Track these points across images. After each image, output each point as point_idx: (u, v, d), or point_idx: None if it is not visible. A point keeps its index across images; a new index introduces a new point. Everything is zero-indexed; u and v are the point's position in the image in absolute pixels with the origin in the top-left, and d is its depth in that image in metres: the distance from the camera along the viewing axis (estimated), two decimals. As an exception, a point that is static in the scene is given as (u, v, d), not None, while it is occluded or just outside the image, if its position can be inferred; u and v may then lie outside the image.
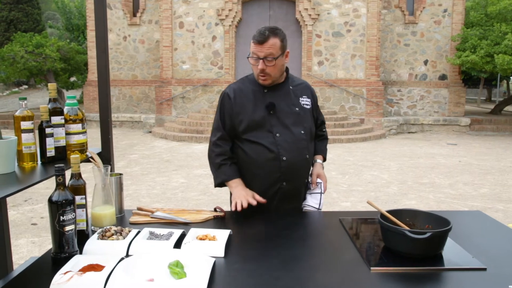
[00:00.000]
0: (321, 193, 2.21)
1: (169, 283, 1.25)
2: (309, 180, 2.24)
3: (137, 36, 14.16)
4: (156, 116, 13.02)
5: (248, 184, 2.11)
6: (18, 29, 21.22)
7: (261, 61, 1.99)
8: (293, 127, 2.10)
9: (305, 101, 2.20)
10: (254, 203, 1.98)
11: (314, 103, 2.27)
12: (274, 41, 1.98)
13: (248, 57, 2.05)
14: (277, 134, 2.06)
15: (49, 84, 1.89)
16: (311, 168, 2.27)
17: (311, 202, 2.18)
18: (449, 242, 1.60)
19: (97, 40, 2.13)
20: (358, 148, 10.05)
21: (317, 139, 2.34)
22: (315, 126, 2.29)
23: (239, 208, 1.95)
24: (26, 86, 24.19)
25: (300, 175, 2.14)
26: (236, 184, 2.09)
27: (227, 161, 2.13)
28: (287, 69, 2.18)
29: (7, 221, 1.94)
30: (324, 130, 2.42)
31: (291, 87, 2.18)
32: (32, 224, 4.60)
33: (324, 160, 2.35)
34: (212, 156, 2.16)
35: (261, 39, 1.97)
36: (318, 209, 2.18)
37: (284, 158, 2.04)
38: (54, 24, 23.35)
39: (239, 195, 2.02)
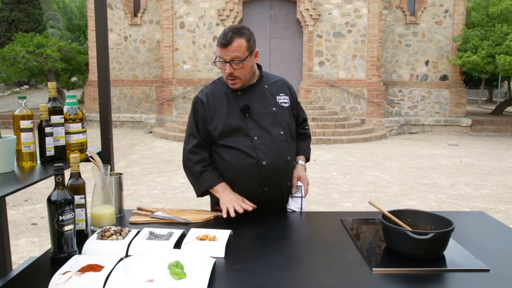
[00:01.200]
0: (301, 197, 2.11)
1: (169, 283, 1.24)
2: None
3: (138, 36, 14.16)
4: (157, 116, 13.01)
5: None
6: (19, 29, 21.21)
7: (227, 64, 1.89)
8: (272, 129, 1.99)
9: (283, 99, 2.08)
10: (249, 208, 1.89)
11: (293, 100, 2.14)
12: (240, 42, 1.87)
13: (214, 61, 1.97)
14: (255, 138, 1.95)
15: (48, 83, 1.88)
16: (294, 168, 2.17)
17: (293, 206, 2.10)
18: (452, 243, 1.58)
19: (97, 39, 2.12)
20: (359, 148, 10.03)
21: (299, 138, 2.23)
22: (297, 124, 2.19)
23: (232, 214, 1.85)
24: (27, 86, 24.21)
25: (282, 179, 2.04)
26: (223, 189, 1.98)
27: (207, 167, 2.01)
28: (260, 68, 2.09)
29: (6, 220, 1.93)
30: (306, 128, 2.29)
31: (266, 86, 2.07)
32: (32, 224, 4.59)
33: (307, 160, 2.24)
34: (189, 165, 2.04)
35: (225, 42, 1.86)
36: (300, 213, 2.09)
37: (264, 163, 1.94)
38: (55, 24, 23.38)
39: (229, 200, 1.92)
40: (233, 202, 1.90)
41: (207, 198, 2.15)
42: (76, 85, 17.40)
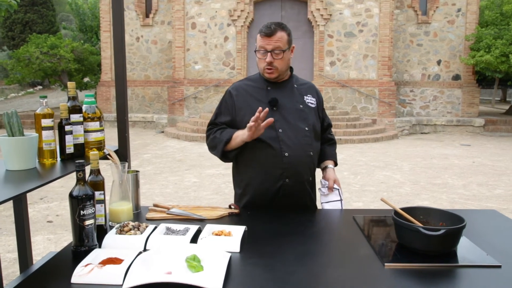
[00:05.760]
0: (341, 200, 2.17)
1: (187, 276, 1.28)
2: (322, 185, 2.20)
3: (149, 36, 14.29)
4: (169, 116, 13.12)
5: (250, 181, 2.09)
6: (33, 31, 21.55)
7: (269, 54, 2.00)
8: (297, 123, 2.07)
9: (310, 100, 2.18)
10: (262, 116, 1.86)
11: (320, 103, 2.25)
12: (281, 35, 2.01)
13: (255, 51, 2.06)
14: (280, 130, 2.03)
15: (68, 83, 1.93)
16: (324, 172, 2.24)
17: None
18: (463, 240, 1.60)
19: (114, 39, 2.17)
20: (370, 148, 10.01)
21: (326, 144, 2.31)
22: (322, 129, 2.27)
23: (262, 115, 1.85)
24: (40, 87, 24.53)
25: (303, 172, 2.08)
26: (242, 131, 1.99)
27: (223, 128, 2.12)
28: (291, 69, 2.19)
29: (27, 216, 1.99)
30: (331, 133, 2.39)
31: (295, 86, 2.18)
32: (48, 221, 4.68)
33: (336, 165, 2.30)
34: (209, 140, 2.15)
35: (268, 32, 2.00)
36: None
37: (286, 154, 2.00)
38: (68, 25, 23.65)
39: (248, 128, 1.91)
40: (252, 127, 1.89)
41: (218, 198, 2.19)
42: (88, 85, 17.60)
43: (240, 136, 2.00)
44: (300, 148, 2.04)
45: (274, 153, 2.02)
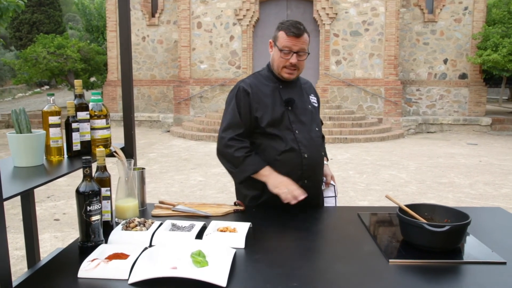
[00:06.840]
0: (335, 196, 2.21)
1: (192, 271, 1.29)
2: (324, 181, 2.23)
3: (155, 36, 14.34)
4: (174, 116, 13.16)
5: None
6: (40, 31, 21.69)
7: (294, 55, 1.97)
8: (310, 124, 2.08)
9: (313, 100, 2.19)
10: (301, 197, 1.90)
11: (319, 102, 2.28)
12: (306, 36, 1.99)
13: (276, 47, 1.99)
14: (296, 131, 2.02)
15: (75, 80, 1.96)
16: None
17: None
18: (468, 236, 1.60)
19: (120, 38, 2.19)
20: (376, 147, 9.98)
21: None
22: None
23: (294, 201, 1.89)
24: (47, 87, 24.69)
25: (319, 172, 2.12)
26: (269, 172, 1.96)
27: (250, 153, 1.99)
28: None
29: (34, 212, 2.01)
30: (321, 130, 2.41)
31: (302, 85, 2.18)
32: (54, 219, 4.71)
33: (327, 160, 2.33)
34: (229, 152, 1.99)
35: (298, 33, 1.94)
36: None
37: (306, 155, 2.00)
38: (75, 25, 23.79)
39: (280, 182, 1.93)
40: (284, 185, 1.92)
41: (224, 197, 2.20)
42: (95, 85, 17.70)
43: (270, 182, 1.95)
44: (315, 149, 2.06)
45: (294, 154, 2.00)
